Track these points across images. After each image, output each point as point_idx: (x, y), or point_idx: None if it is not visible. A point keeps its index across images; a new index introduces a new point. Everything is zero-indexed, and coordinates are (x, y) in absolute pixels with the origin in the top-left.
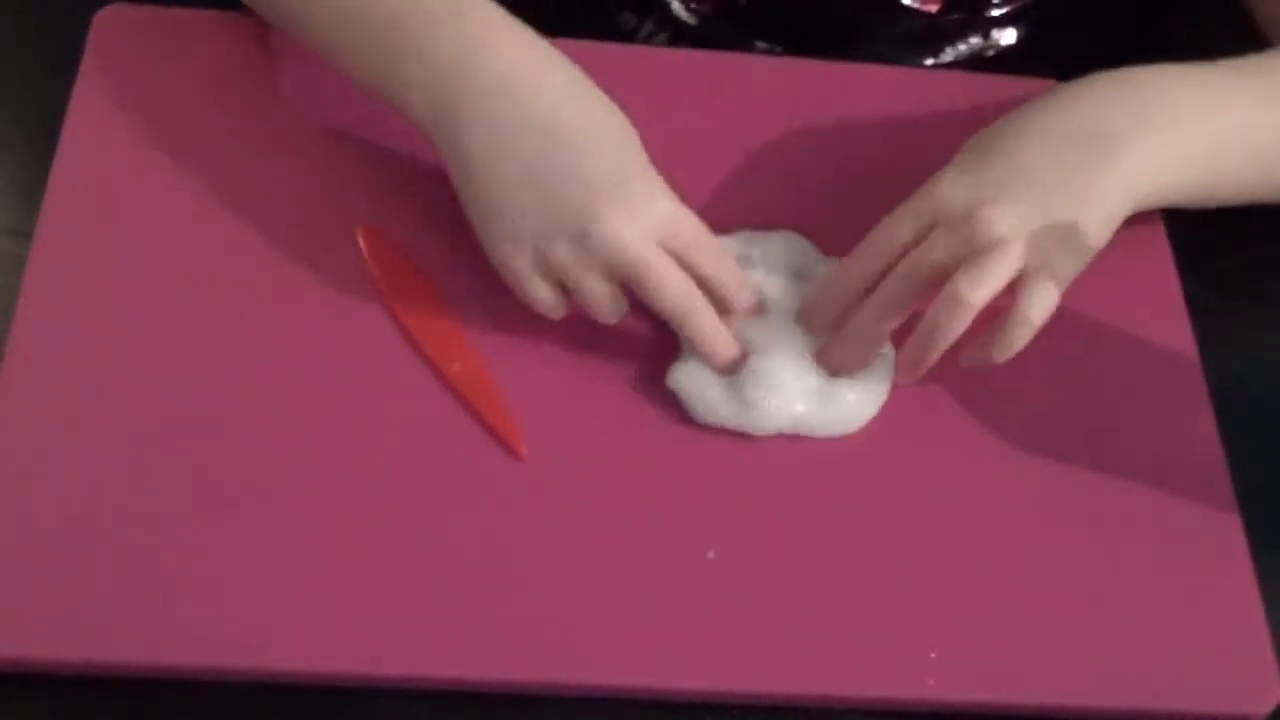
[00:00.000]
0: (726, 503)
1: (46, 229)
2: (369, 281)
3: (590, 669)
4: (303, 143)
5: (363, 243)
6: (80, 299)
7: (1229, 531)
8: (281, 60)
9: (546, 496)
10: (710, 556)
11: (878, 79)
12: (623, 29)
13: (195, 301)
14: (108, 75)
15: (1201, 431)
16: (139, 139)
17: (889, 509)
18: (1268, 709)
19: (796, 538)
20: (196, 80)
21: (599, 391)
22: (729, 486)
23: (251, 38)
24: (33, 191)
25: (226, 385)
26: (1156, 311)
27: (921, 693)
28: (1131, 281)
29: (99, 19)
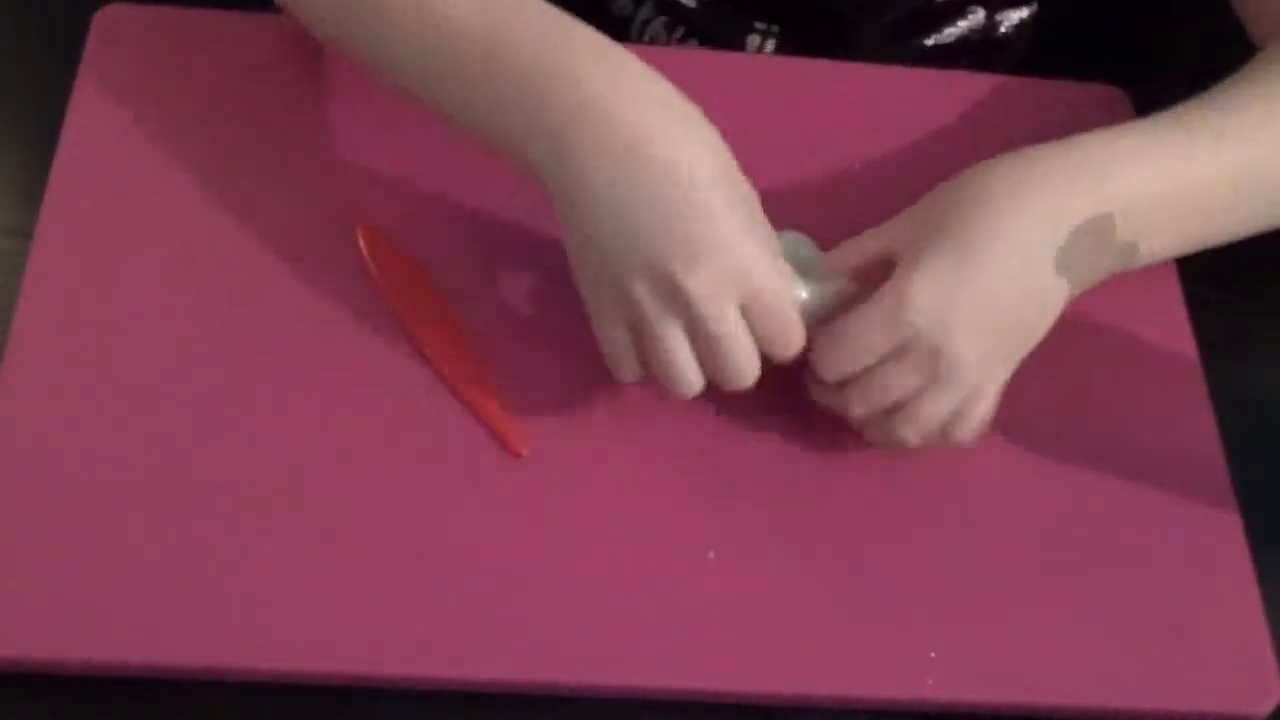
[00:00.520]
0: (726, 503)
1: (46, 229)
2: (369, 281)
3: (590, 669)
4: (303, 142)
5: (363, 243)
6: (80, 299)
7: (1229, 531)
8: (282, 60)
9: (546, 496)
10: (710, 556)
11: (878, 79)
12: (618, 15)
13: (195, 301)
14: (108, 75)
15: (1201, 431)
16: (139, 139)
17: (889, 509)
18: (1268, 709)
19: (796, 538)
20: (196, 80)
21: (599, 391)
22: (729, 486)
23: (251, 37)
24: (33, 191)
25: (226, 385)
26: (1156, 311)
27: (921, 693)
28: (1132, 282)
29: (99, 19)
